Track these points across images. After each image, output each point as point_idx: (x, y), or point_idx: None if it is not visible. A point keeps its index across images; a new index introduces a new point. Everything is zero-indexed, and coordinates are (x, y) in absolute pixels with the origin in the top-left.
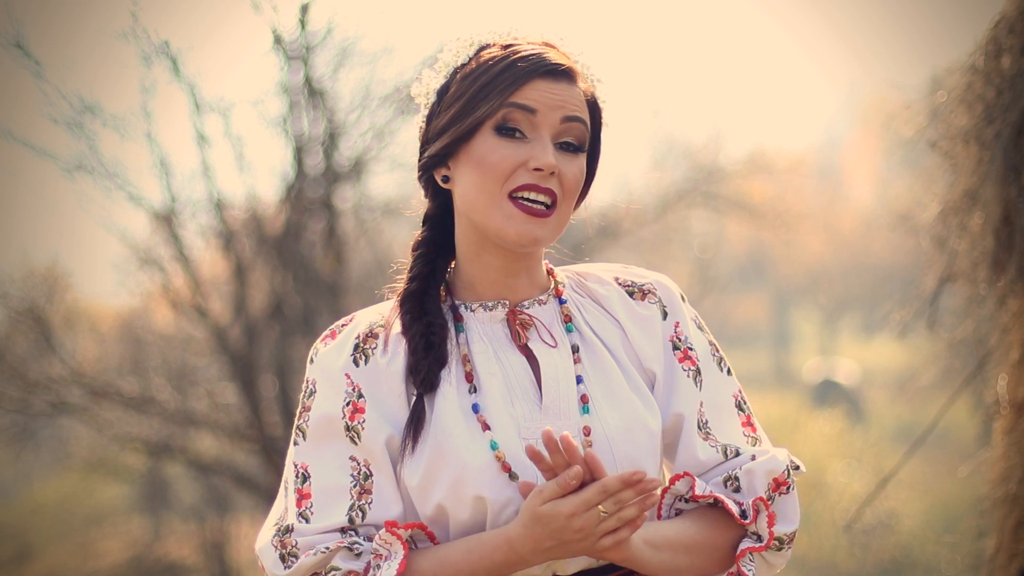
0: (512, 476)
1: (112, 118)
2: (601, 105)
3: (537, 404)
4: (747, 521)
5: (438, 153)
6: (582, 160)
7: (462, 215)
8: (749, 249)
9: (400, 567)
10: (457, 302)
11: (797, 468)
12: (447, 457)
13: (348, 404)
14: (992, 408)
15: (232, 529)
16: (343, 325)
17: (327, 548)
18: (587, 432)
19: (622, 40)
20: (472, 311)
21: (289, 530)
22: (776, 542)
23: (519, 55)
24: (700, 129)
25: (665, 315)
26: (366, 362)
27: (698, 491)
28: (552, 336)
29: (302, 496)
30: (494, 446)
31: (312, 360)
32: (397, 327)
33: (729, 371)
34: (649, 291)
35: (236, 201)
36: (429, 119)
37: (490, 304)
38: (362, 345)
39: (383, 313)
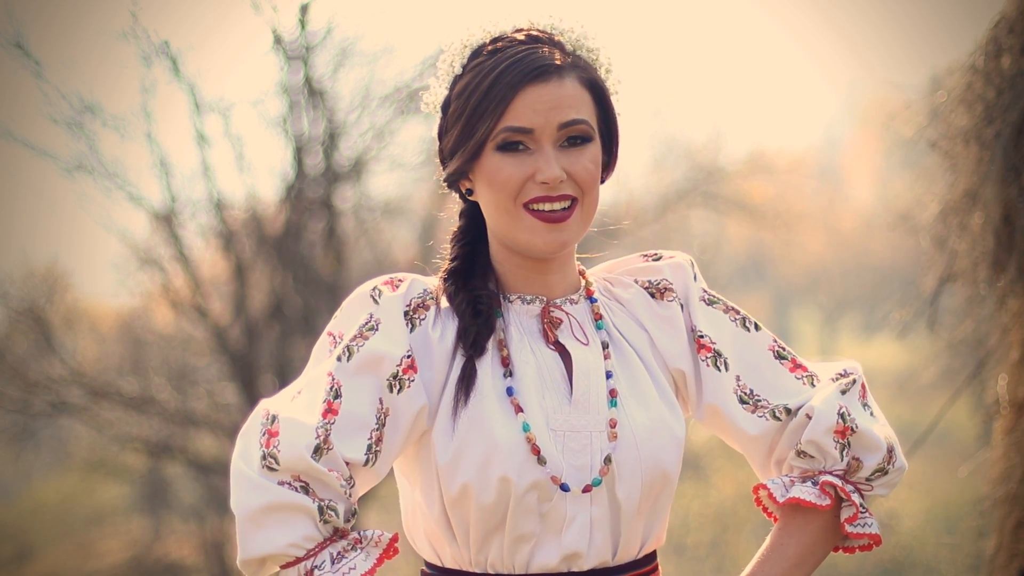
0: (540, 460)
1: (112, 118)
2: (606, 76)
3: (567, 397)
4: (827, 505)
5: (455, 172)
6: (592, 148)
7: (489, 224)
8: (749, 249)
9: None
10: (497, 291)
11: (852, 384)
12: (479, 433)
13: (408, 357)
14: (992, 408)
15: (232, 529)
16: (400, 281)
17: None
18: (613, 425)
19: (622, 40)
20: (511, 302)
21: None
22: (867, 484)
23: (505, 63)
24: (700, 129)
25: (683, 307)
26: (412, 330)
27: (779, 499)
28: (584, 334)
29: (330, 409)
30: (526, 428)
31: (375, 299)
32: (447, 302)
33: (756, 326)
34: (666, 288)
35: (236, 201)
36: (440, 135)
37: (529, 298)
38: (411, 313)
39: (436, 285)
